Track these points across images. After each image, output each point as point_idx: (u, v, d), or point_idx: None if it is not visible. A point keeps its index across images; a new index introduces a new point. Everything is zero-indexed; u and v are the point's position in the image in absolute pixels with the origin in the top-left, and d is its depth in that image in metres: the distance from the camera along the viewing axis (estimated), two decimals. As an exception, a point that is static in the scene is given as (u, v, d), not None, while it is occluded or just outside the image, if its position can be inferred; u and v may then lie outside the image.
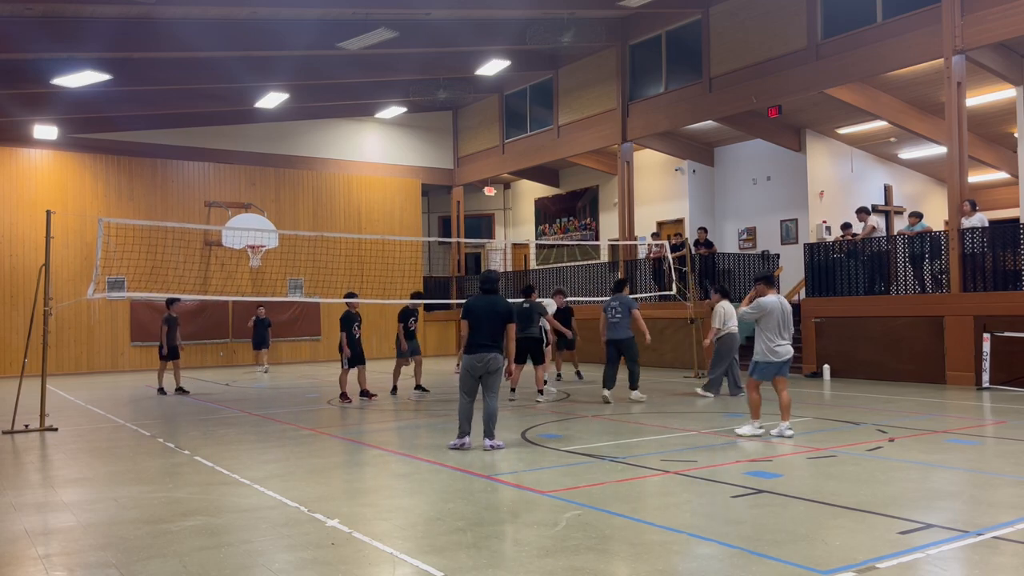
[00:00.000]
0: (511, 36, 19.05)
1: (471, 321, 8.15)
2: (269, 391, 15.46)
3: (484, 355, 8.08)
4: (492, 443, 8.15)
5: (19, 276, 20.49)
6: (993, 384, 12.87)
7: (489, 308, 8.18)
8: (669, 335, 18.90)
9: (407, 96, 22.86)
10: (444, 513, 5.78)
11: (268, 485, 6.81)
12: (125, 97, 19.76)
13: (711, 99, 18.45)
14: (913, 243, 14.90)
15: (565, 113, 22.84)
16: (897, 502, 5.87)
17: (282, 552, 4.97)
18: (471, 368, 8.12)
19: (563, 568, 4.50)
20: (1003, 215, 19.88)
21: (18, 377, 11.07)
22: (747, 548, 4.78)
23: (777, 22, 17.05)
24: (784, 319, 8.76)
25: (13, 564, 4.86)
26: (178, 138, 22.80)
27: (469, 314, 8.19)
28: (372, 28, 16.58)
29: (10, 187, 20.58)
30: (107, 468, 7.82)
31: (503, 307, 8.26)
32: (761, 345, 8.81)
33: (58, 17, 14.61)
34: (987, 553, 4.69)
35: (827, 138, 19.78)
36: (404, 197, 26.40)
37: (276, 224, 22.00)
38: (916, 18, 14.60)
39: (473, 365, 8.11)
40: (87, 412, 12.42)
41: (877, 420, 9.83)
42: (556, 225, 26.39)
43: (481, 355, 8.08)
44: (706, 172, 22.11)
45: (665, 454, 7.92)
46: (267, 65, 18.88)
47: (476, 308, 8.20)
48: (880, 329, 14.76)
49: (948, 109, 14.15)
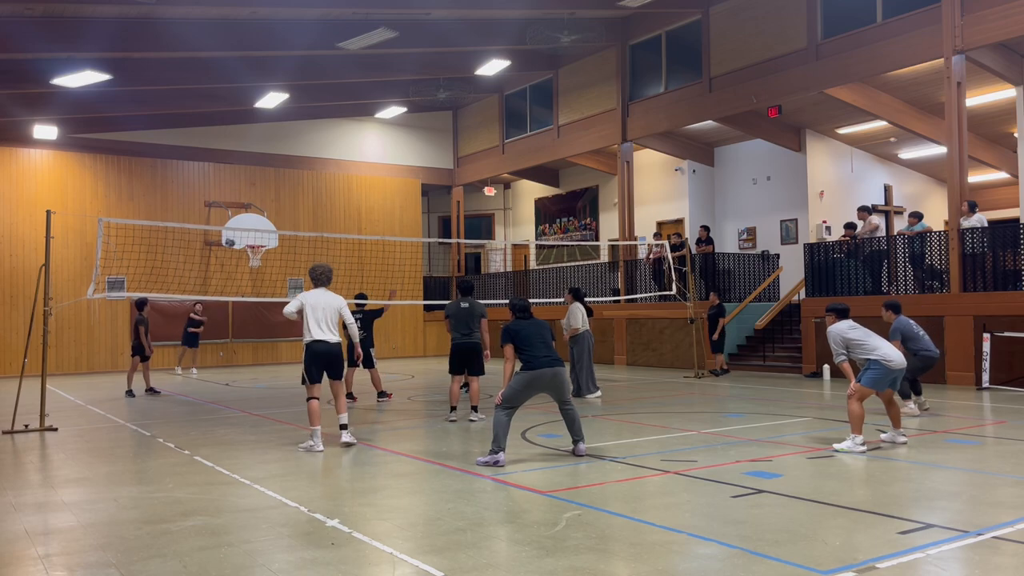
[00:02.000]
0: (511, 36, 19.05)
1: (520, 343, 7.95)
2: (269, 391, 15.46)
3: (549, 369, 7.79)
4: (585, 445, 7.97)
5: (19, 276, 20.49)
6: (993, 384, 12.87)
7: (536, 328, 8.04)
8: (669, 335, 18.91)
9: (407, 96, 22.86)
10: (444, 513, 5.78)
11: (268, 485, 6.81)
12: (125, 97, 19.76)
13: (711, 99, 18.45)
14: (913, 243, 14.90)
15: (565, 113, 22.84)
16: (897, 502, 5.87)
17: (282, 552, 4.96)
18: (533, 382, 7.80)
19: (563, 568, 4.50)
20: (1003, 215, 19.88)
21: (18, 377, 11.06)
22: (747, 548, 4.78)
23: (777, 22, 17.06)
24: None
25: (13, 564, 4.86)
26: (178, 138, 22.80)
27: (516, 337, 8.00)
28: (372, 28, 16.58)
29: (10, 187, 20.58)
30: (107, 468, 7.82)
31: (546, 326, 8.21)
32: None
33: (58, 17, 14.61)
34: (987, 553, 4.69)
35: (827, 138, 19.78)
36: (404, 197, 26.40)
37: (276, 224, 22.01)
38: (916, 18, 14.60)
39: (539, 379, 7.81)
40: (87, 412, 12.42)
41: (877, 420, 9.83)
42: (556, 225, 26.39)
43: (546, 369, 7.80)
44: (706, 172, 22.11)
45: (665, 454, 7.92)
46: (267, 65, 18.88)
47: (523, 329, 8.06)
48: (880, 329, 14.69)
49: (948, 109, 14.15)
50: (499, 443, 7.58)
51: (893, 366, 8.04)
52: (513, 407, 7.83)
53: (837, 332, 8.35)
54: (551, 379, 7.81)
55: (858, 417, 7.95)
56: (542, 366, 7.75)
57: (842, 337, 8.27)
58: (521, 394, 7.85)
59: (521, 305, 8.33)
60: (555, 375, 7.81)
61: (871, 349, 8.14)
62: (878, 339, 8.27)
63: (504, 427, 7.68)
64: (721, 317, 16.51)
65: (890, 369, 8.05)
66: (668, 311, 18.59)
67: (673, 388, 14.35)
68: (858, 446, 7.83)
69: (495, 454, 7.54)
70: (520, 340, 7.93)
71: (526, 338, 7.91)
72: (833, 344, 8.34)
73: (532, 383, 7.80)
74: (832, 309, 8.65)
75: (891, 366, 8.04)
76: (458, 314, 10.70)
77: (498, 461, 7.49)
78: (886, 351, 8.13)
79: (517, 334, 7.97)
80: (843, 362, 8.25)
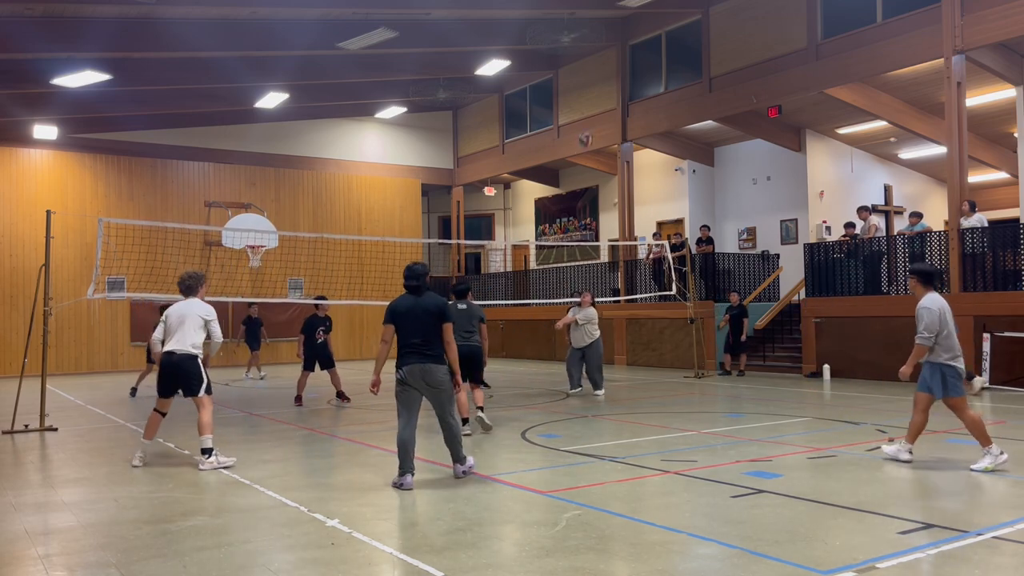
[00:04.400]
0: (511, 36, 19.05)
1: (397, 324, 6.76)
2: (269, 391, 15.46)
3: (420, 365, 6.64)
4: (464, 468, 6.91)
5: (19, 276, 20.49)
6: (993, 384, 12.87)
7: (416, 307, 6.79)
8: (669, 335, 18.91)
9: (407, 96, 22.86)
10: (444, 513, 5.78)
11: (268, 485, 6.81)
12: (125, 97, 19.76)
13: (711, 99, 18.45)
14: (913, 243, 14.90)
15: (565, 113, 22.84)
16: (897, 502, 5.87)
17: (282, 552, 4.96)
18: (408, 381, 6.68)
19: (563, 568, 4.50)
20: (1003, 215, 19.87)
21: (18, 377, 11.06)
22: (747, 548, 4.78)
23: (777, 22, 17.05)
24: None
25: (13, 564, 4.86)
26: (178, 138, 22.80)
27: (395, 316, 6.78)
28: (372, 28, 16.58)
29: (10, 187, 20.58)
30: (107, 468, 7.82)
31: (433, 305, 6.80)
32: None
33: (58, 17, 14.62)
34: (987, 553, 4.69)
35: (827, 138, 19.78)
36: (404, 197, 26.41)
37: (276, 224, 22.00)
38: (916, 18, 14.60)
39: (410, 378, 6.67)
40: (87, 412, 12.42)
41: (877, 420, 9.83)
42: (556, 225, 26.39)
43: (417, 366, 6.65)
44: (706, 172, 22.11)
45: (665, 454, 7.92)
46: (267, 65, 18.88)
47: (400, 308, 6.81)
48: (880, 329, 14.76)
49: (948, 109, 14.15)
50: (404, 465, 6.64)
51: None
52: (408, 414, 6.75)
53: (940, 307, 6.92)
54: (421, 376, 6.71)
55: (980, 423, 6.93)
56: (409, 363, 6.70)
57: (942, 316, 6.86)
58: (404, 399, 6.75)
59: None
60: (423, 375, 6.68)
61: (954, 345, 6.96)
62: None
63: (404, 443, 6.65)
64: (744, 317, 16.39)
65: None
66: (668, 311, 18.59)
67: (673, 388, 14.35)
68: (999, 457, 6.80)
69: (402, 476, 6.63)
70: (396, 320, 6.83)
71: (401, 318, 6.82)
72: (930, 320, 6.86)
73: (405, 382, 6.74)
74: (919, 272, 7.24)
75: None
76: (457, 316, 10.48)
77: (404, 483, 6.58)
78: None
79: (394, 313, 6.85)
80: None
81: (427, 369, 6.63)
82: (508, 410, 11.46)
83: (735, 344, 16.37)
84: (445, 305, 6.87)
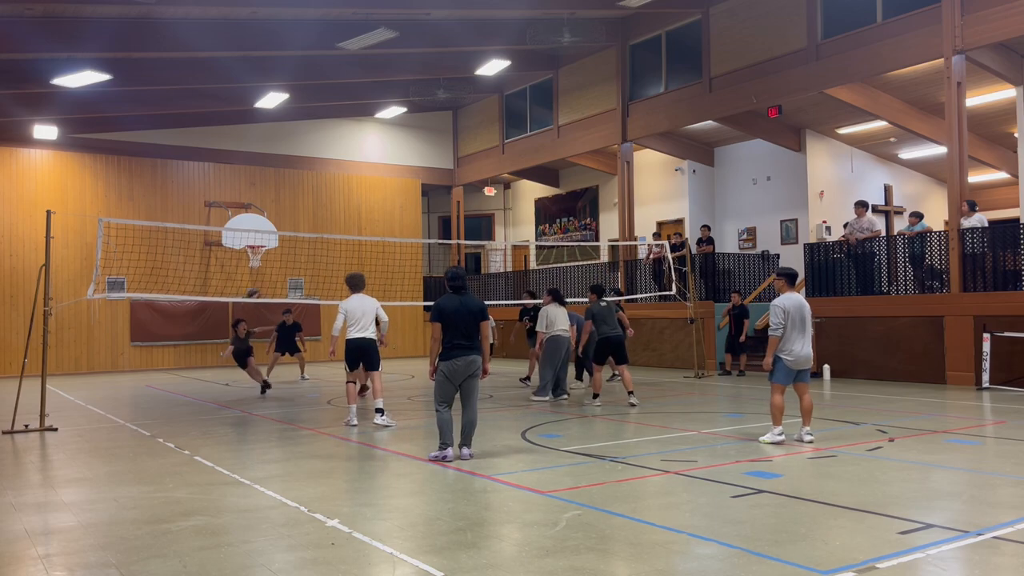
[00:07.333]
0: (511, 36, 19.05)
1: (444, 323, 7.64)
2: (269, 391, 15.44)
3: (466, 357, 7.63)
4: (468, 452, 7.79)
5: (19, 276, 20.49)
6: (993, 384, 12.87)
7: (462, 308, 7.72)
8: (669, 335, 18.91)
9: (407, 96, 22.86)
10: (444, 513, 5.78)
11: (268, 485, 6.81)
12: (125, 97, 19.76)
13: (711, 99, 18.45)
14: (913, 243, 14.90)
15: (565, 113, 22.85)
16: (897, 502, 5.86)
17: (282, 552, 4.96)
18: (452, 373, 7.66)
19: (563, 568, 4.50)
20: (1003, 215, 19.87)
21: (18, 377, 11.06)
22: (747, 548, 4.78)
23: (777, 22, 17.06)
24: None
25: (13, 564, 4.86)
26: (178, 138, 22.80)
27: (441, 315, 7.66)
28: (372, 28, 16.59)
29: (10, 187, 20.58)
30: (107, 468, 7.82)
31: (476, 306, 7.80)
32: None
33: (58, 17, 14.61)
34: (987, 553, 4.69)
35: (827, 138, 19.78)
36: (404, 197, 26.40)
37: (276, 224, 21.99)
38: (916, 18, 14.60)
39: (454, 369, 7.65)
40: (87, 412, 12.42)
41: (877, 420, 9.83)
42: (556, 225, 26.39)
43: (463, 358, 7.63)
44: (706, 172, 22.11)
45: (665, 454, 7.92)
46: (267, 65, 18.88)
47: (447, 308, 7.70)
48: (880, 329, 14.76)
49: (948, 109, 14.15)
50: (446, 439, 7.81)
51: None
52: (446, 402, 7.86)
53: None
54: (465, 368, 7.73)
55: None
56: (455, 355, 7.68)
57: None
58: (444, 388, 7.79)
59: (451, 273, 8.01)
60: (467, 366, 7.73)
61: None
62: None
63: (447, 423, 7.83)
64: (745, 318, 16.37)
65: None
66: (668, 311, 18.59)
67: (673, 388, 14.35)
68: (777, 436, 8.29)
69: (443, 449, 7.78)
70: (443, 319, 7.70)
71: (447, 317, 7.73)
72: (776, 317, 8.35)
73: (449, 374, 7.70)
74: (785, 274, 8.66)
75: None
76: (601, 312, 11.61)
77: (446, 456, 7.72)
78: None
79: (441, 312, 7.73)
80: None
81: (472, 361, 7.66)
82: (508, 410, 11.46)
83: (735, 344, 16.37)
84: (484, 305, 7.90)
